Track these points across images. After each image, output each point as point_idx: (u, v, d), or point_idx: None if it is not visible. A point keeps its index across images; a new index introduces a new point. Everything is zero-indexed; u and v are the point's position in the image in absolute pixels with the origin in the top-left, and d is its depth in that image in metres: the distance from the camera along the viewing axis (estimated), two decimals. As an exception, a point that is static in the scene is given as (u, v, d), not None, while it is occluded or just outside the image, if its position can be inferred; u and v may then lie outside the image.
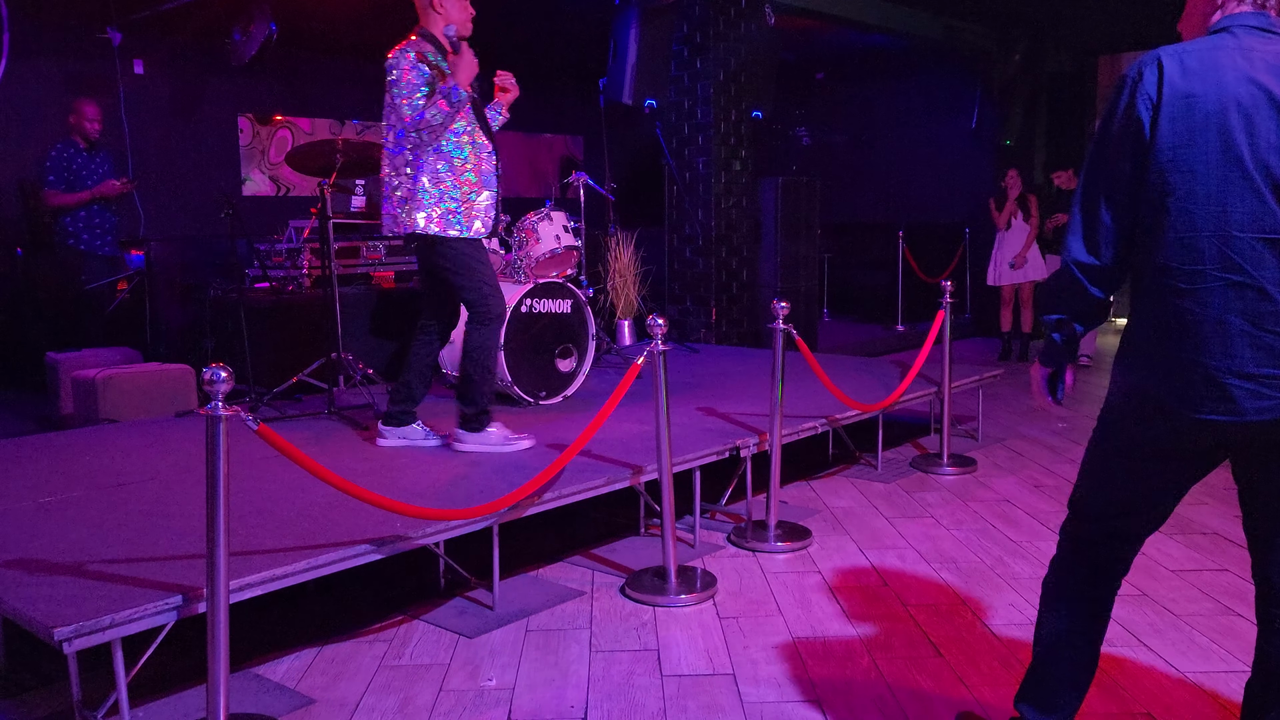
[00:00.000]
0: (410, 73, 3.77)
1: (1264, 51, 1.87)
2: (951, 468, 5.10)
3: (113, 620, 2.34)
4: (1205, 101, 1.84)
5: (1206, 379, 1.84)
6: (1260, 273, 1.81)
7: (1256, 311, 1.81)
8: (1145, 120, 1.88)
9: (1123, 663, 2.92)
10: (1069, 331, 2.04)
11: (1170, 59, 1.88)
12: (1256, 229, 1.81)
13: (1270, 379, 1.82)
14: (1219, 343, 1.83)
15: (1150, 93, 1.88)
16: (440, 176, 3.81)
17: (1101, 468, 2.10)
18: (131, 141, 7.72)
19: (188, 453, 4.04)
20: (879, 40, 10.16)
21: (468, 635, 3.16)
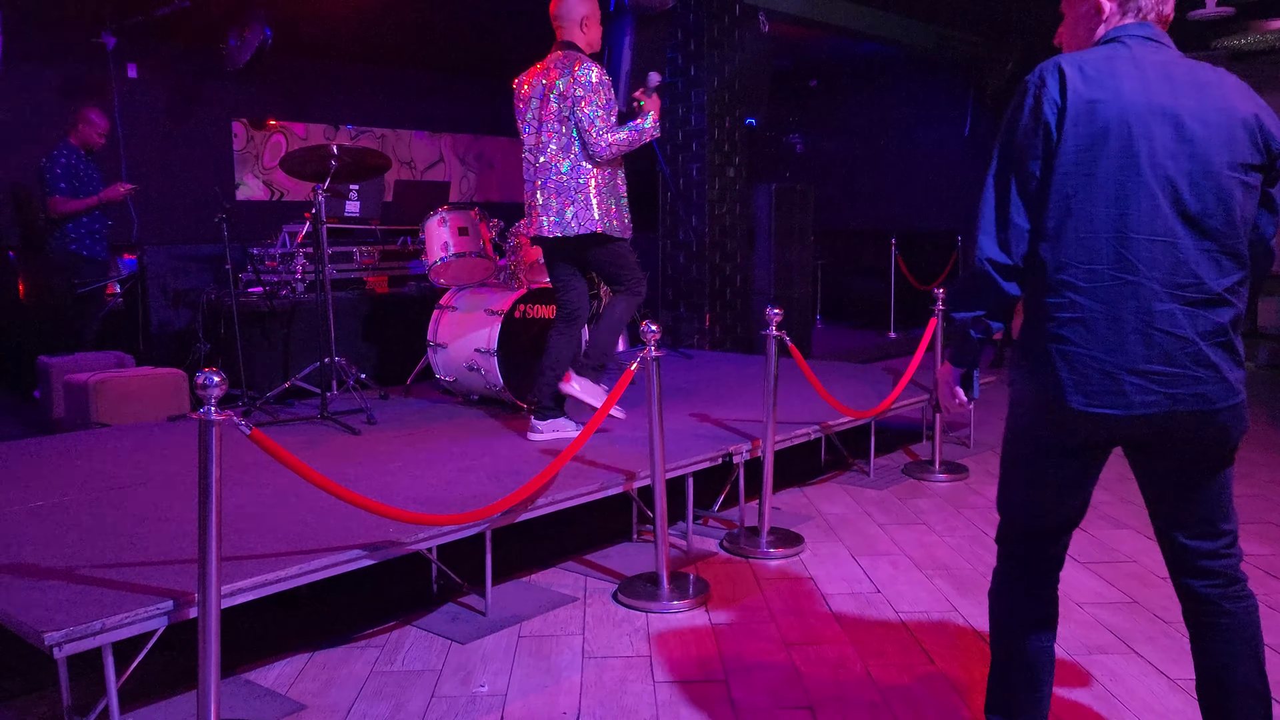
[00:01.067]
0: (609, 92, 4.18)
1: (1154, 61, 1.97)
2: (944, 474, 5.11)
3: (103, 625, 2.33)
4: (1106, 108, 1.92)
5: (1101, 373, 1.93)
6: (1152, 272, 1.90)
7: (1148, 309, 1.90)
8: (1052, 123, 1.95)
9: (1114, 669, 2.93)
10: (984, 328, 2.11)
11: (1070, 66, 1.96)
12: (1150, 231, 1.90)
13: (1158, 375, 1.91)
14: (1114, 339, 1.92)
15: (1055, 97, 1.95)
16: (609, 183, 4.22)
17: (1012, 469, 2.18)
18: (125, 146, 7.71)
19: (179, 457, 4.03)
20: (872, 48, 10.20)
21: (460, 641, 3.15)
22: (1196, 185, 1.90)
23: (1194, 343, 1.90)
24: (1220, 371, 1.92)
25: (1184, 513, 2.08)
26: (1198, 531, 2.07)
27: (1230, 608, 2.08)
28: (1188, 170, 1.90)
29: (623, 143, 4.10)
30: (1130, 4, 2.04)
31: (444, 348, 5.06)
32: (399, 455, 4.05)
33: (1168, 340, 1.90)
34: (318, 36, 8.33)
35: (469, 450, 4.14)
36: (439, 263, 5.09)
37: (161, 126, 8.30)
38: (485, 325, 4.82)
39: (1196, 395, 1.92)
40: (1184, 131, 1.91)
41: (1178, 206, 1.90)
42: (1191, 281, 1.90)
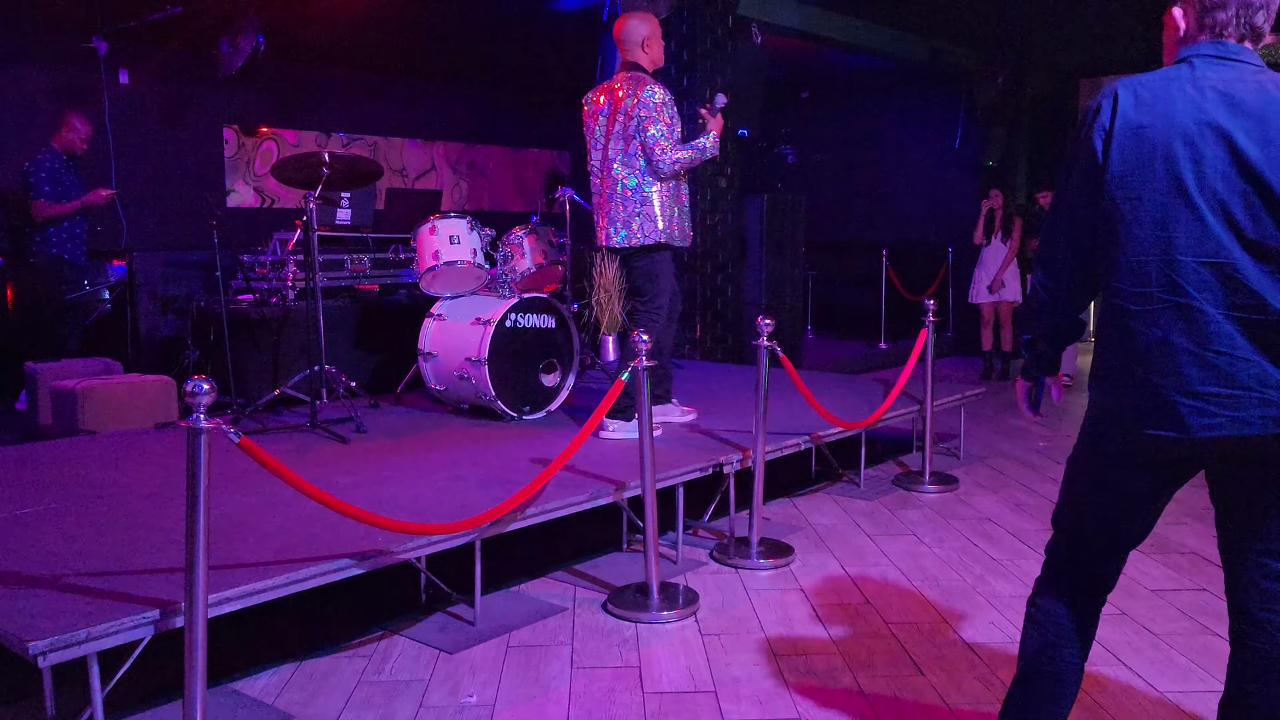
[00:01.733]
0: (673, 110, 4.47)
1: (1215, 78, 1.92)
2: (934, 486, 5.11)
3: (89, 634, 2.31)
4: (1154, 131, 1.91)
5: (1156, 397, 1.91)
6: (1203, 294, 1.87)
7: (1201, 332, 1.88)
8: (1099, 150, 1.96)
9: (1102, 681, 2.93)
10: (1040, 349, 2.16)
11: (1125, 91, 1.96)
12: (1199, 253, 1.88)
13: (1215, 396, 1.87)
14: (1166, 362, 1.90)
15: (1104, 124, 1.96)
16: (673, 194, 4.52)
17: (1079, 484, 2.14)
18: (116, 151, 7.69)
19: (167, 465, 4.01)
20: (864, 61, 10.24)
21: (448, 651, 3.14)
22: (1252, 206, 1.86)
23: (1256, 363, 1.86)
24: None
25: (1257, 528, 2.03)
26: (1269, 551, 2.02)
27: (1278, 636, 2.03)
28: (1242, 191, 1.86)
29: (684, 161, 4.39)
30: (1206, 20, 1.98)
31: (434, 356, 5.05)
32: (388, 464, 4.04)
33: (1226, 361, 1.86)
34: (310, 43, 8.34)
35: (459, 459, 4.13)
36: (430, 271, 5.08)
37: (153, 132, 8.29)
38: (476, 334, 4.82)
39: (1267, 417, 1.86)
40: (1238, 152, 1.86)
41: (1232, 228, 1.86)
42: (1254, 303, 1.85)
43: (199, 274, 6.36)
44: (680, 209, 4.52)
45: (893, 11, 9.29)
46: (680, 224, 4.52)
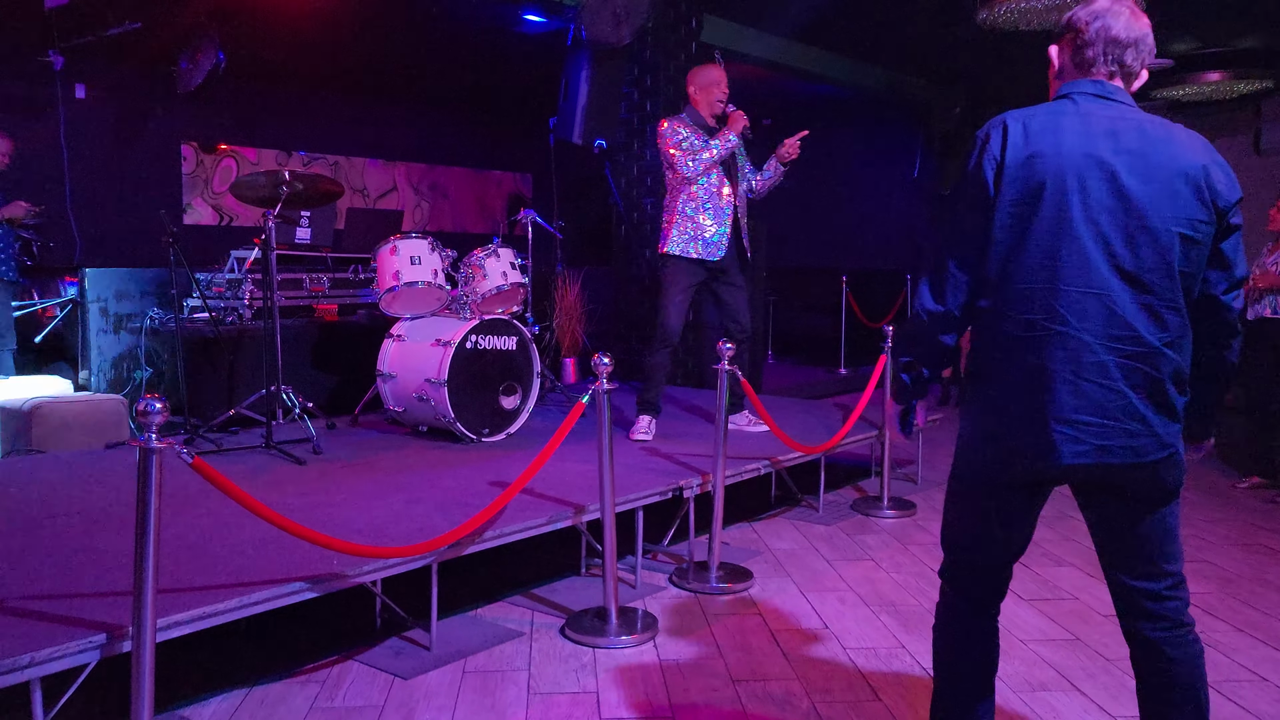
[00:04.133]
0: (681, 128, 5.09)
1: (1099, 115, 2.00)
2: (891, 510, 5.15)
3: (32, 659, 2.25)
4: (1044, 161, 1.97)
5: (1030, 422, 1.98)
6: (1083, 324, 1.94)
7: (1077, 360, 1.94)
8: (990, 179, 2.01)
9: (1056, 706, 2.96)
10: (916, 373, 2.18)
11: (1015, 123, 2.02)
12: (1081, 283, 1.94)
13: (1086, 425, 1.95)
14: (1043, 388, 1.96)
15: (995, 153, 2.01)
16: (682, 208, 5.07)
17: (956, 504, 2.23)
18: (71, 167, 7.57)
19: (118, 486, 3.93)
20: (825, 90, 10.38)
21: (403, 676, 3.09)
22: (1132, 240, 1.93)
23: (1125, 395, 1.94)
24: (1151, 426, 1.95)
25: (1126, 554, 2.11)
26: (1141, 572, 2.10)
27: (1174, 653, 2.09)
28: (1123, 225, 1.93)
29: (709, 160, 4.96)
30: (1079, 58, 2.07)
31: (393, 377, 5.01)
32: (345, 486, 3.99)
33: (1098, 391, 1.94)
34: (271, 61, 8.28)
35: (416, 481, 4.09)
36: (390, 292, 5.05)
37: (109, 148, 8.17)
38: (436, 355, 4.79)
39: (1127, 448, 1.95)
40: (1121, 187, 1.94)
41: (1112, 261, 1.93)
42: (1128, 334, 1.93)
43: (154, 292, 6.25)
44: (692, 223, 5.02)
45: (853, 43, 9.43)
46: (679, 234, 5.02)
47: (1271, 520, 5.09)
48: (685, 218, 5.02)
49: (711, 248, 5.00)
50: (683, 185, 5.02)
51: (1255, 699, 3.00)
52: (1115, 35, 2.03)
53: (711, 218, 5.02)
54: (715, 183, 5.06)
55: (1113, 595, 2.19)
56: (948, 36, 8.67)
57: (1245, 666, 3.25)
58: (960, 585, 2.25)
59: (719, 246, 5.01)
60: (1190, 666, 2.10)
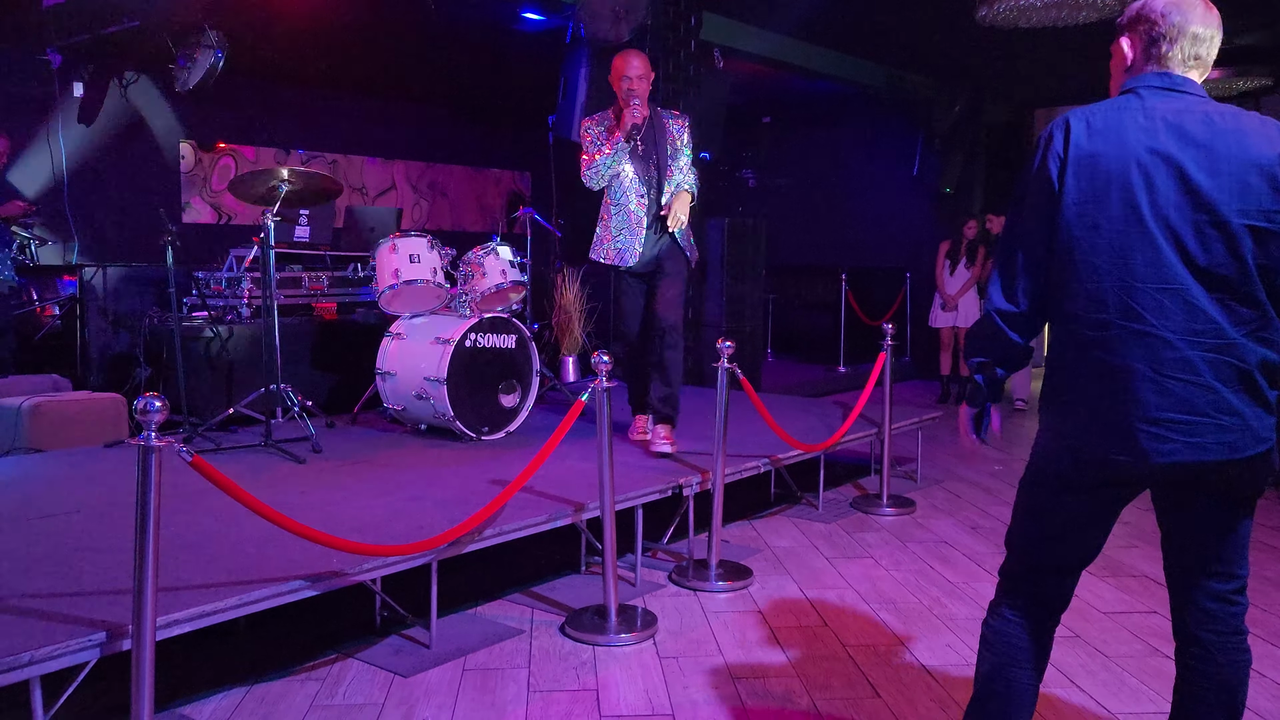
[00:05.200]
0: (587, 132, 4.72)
1: (1164, 109, 1.96)
2: (891, 509, 5.15)
3: (32, 657, 2.25)
4: (1108, 160, 1.94)
5: (1112, 422, 1.94)
6: (1161, 321, 1.90)
7: (1158, 358, 1.90)
8: (1054, 178, 1.99)
9: (1055, 703, 2.96)
10: (990, 374, 2.15)
11: (1077, 121, 1.99)
12: (1156, 280, 1.90)
13: (1172, 423, 1.90)
14: (1124, 388, 1.92)
15: (1059, 152, 1.99)
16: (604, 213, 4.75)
17: (1030, 506, 2.16)
18: (69, 165, 7.57)
19: (117, 485, 3.93)
20: (825, 87, 10.38)
21: (403, 674, 3.09)
22: (1203, 235, 1.89)
23: (1215, 389, 1.88)
24: (1246, 419, 1.90)
25: (1202, 552, 2.07)
26: (1211, 572, 2.07)
27: (1222, 659, 2.08)
28: (1193, 220, 1.89)
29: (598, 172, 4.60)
30: (1153, 51, 2.03)
31: (393, 376, 5.01)
32: (344, 484, 3.98)
33: (1184, 388, 1.89)
34: (269, 60, 8.28)
35: (416, 480, 4.09)
36: (389, 290, 5.05)
37: (107, 146, 8.17)
38: (435, 354, 4.79)
39: (1222, 443, 1.90)
40: (1189, 182, 1.89)
41: (1184, 257, 1.89)
42: (1210, 328, 1.88)
43: (152, 290, 6.25)
44: (605, 228, 4.70)
45: (853, 40, 9.43)
46: (599, 240, 4.73)
47: (1272, 517, 5.09)
48: (603, 223, 4.73)
49: (623, 256, 4.68)
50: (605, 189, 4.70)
51: (1254, 695, 3.00)
52: (1192, 27, 2.00)
53: (622, 228, 4.67)
54: (622, 192, 4.67)
55: (1173, 592, 2.14)
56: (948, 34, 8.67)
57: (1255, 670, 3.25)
58: (1026, 590, 2.17)
59: (630, 255, 4.67)
60: (1235, 675, 2.08)
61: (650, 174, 4.66)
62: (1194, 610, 2.11)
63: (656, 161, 4.66)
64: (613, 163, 4.56)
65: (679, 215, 4.57)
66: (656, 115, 4.71)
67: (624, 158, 4.60)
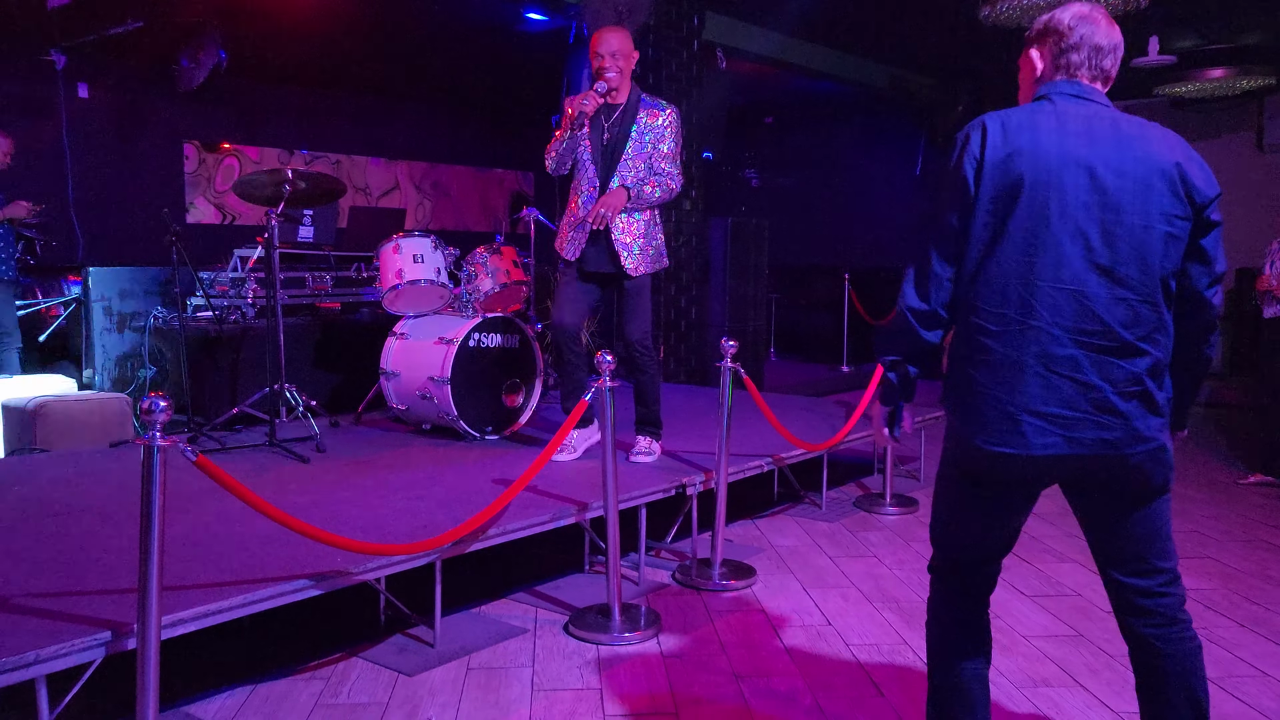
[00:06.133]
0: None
1: (1075, 114, 2.04)
2: (894, 507, 5.15)
3: (37, 656, 2.26)
4: (1021, 160, 2.00)
5: (1002, 414, 2.01)
6: (1054, 318, 1.97)
7: (1048, 354, 1.98)
8: (970, 177, 2.04)
9: (1058, 702, 2.96)
10: (903, 372, 2.20)
11: (993, 122, 2.06)
12: (1055, 279, 1.98)
13: (1055, 417, 1.98)
14: (1016, 381, 2.00)
15: (975, 153, 2.05)
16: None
17: (943, 500, 2.25)
18: (73, 166, 7.58)
19: (122, 484, 3.94)
20: (827, 87, 10.38)
21: (407, 673, 3.10)
22: (1109, 235, 1.96)
23: (1099, 389, 1.96)
24: (1129, 420, 1.97)
25: (1117, 550, 2.13)
26: (1132, 569, 2.12)
27: (1169, 650, 2.11)
28: (1100, 220, 1.97)
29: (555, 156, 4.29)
30: (1062, 61, 2.12)
31: (396, 375, 5.02)
32: (348, 484, 3.99)
33: (1068, 385, 1.97)
34: (273, 60, 8.30)
35: (420, 479, 4.09)
36: (393, 290, 5.06)
37: (112, 147, 8.19)
38: (439, 353, 4.80)
39: (1100, 440, 1.97)
40: (1097, 182, 1.97)
41: (1089, 256, 1.96)
42: (1099, 329, 1.96)
43: (157, 290, 6.27)
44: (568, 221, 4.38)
45: (856, 40, 9.43)
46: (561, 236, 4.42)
47: (1274, 516, 5.09)
48: (566, 212, 4.40)
49: (568, 249, 4.37)
50: None
51: (1258, 694, 3.00)
52: (1097, 41, 2.10)
53: (572, 217, 4.36)
54: (579, 181, 4.35)
55: (1107, 592, 2.20)
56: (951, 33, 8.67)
57: (1247, 662, 3.25)
58: (950, 580, 2.27)
59: (574, 247, 4.33)
60: (1185, 663, 2.11)
61: (607, 169, 4.26)
62: (1127, 609, 2.16)
63: (615, 155, 4.24)
64: (565, 149, 4.21)
65: (600, 212, 4.11)
66: (634, 105, 4.30)
67: (578, 143, 4.24)
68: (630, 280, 4.35)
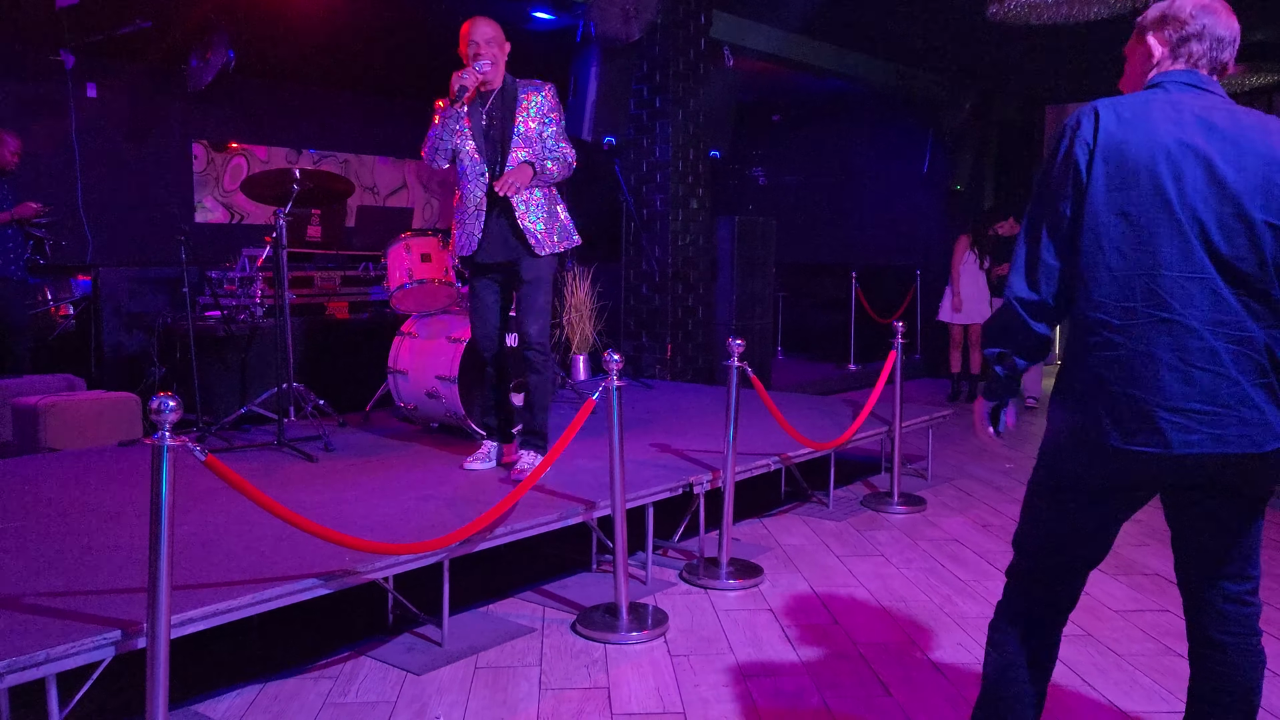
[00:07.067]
0: None
1: (1192, 105, 1.97)
2: (901, 506, 5.14)
3: (48, 655, 2.27)
4: (1137, 149, 1.93)
5: (1136, 411, 1.91)
6: (1187, 310, 1.89)
7: (1184, 347, 1.88)
8: (1083, 165, 1.97)
9: (1067, 702, 2.96)
10: (1011, 365, 2.11)
11: (1106, 110, 1.98)
12: (1183, 268, 1.89)
13: (1197, 413, 1.88)
14: (1149, 377, 1.90)
15: (1087, 139, 1.97)
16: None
17: (1041, 505, 2.14)
18: (82, 165, 7.61)
19: (131, 483, 3.96)
20: (835, 85, 10.36)
21: (415, 672, 3.11)
22: (1227, 228, 1.89)
23: (1238, 382, 1.88)
24: (1265, 414, 1.89)
25: (1216, 553, 2.06)
26: (1226, 573, 2.07)
27: (1237, 660, 2.07)
28: (1218, 213, 1.90)
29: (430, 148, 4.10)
30: (1181, 50, 2.05)
31: (404, 374, 5.03)
32: (356, 483, 4.00)
33: (1208, 378, 1.88)
34: (281, 60, 8.31)
35: (428, 478, 4.10)
36: (401, 289, 5.07)
37: (120, 146, 8.21)
38: (446, 352, 4.80)
39: (1244, 436, 1.88)
40: (1216, 174, 1.90)
41: (1208, 248, 1.89)
42: (1233, 319, 1.88)
43: (166, 290, 6.29)
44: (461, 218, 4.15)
45: (863, 37, 9.41)
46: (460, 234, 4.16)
47: (1284, 515, 5.07)
48: (455, 211, 4.19)
49: (460, 245, 4.14)
50: None
51: (1268, 694, 2.99)
52: (1219, 32, 2.04)
53: (462, 213, 4.14)
54: (463, 174, 4.14)
55: (1186, 594, 2.13)
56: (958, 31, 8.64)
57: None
58: (1036, 590, 2.16)
59: (470, 242, 4.09)
60: (1250, 676, 2.07)
61: (494, 153, 4.06)
62: (1209, 613, 2.10)
63: (502, 140, 4.07)
64: (445, 134, 4.02)
65: (510, 181, 3.91)
66: (510, 90, 4.13)
67: (458, 128, 4.04)
68: (531, 269, 4.10)
